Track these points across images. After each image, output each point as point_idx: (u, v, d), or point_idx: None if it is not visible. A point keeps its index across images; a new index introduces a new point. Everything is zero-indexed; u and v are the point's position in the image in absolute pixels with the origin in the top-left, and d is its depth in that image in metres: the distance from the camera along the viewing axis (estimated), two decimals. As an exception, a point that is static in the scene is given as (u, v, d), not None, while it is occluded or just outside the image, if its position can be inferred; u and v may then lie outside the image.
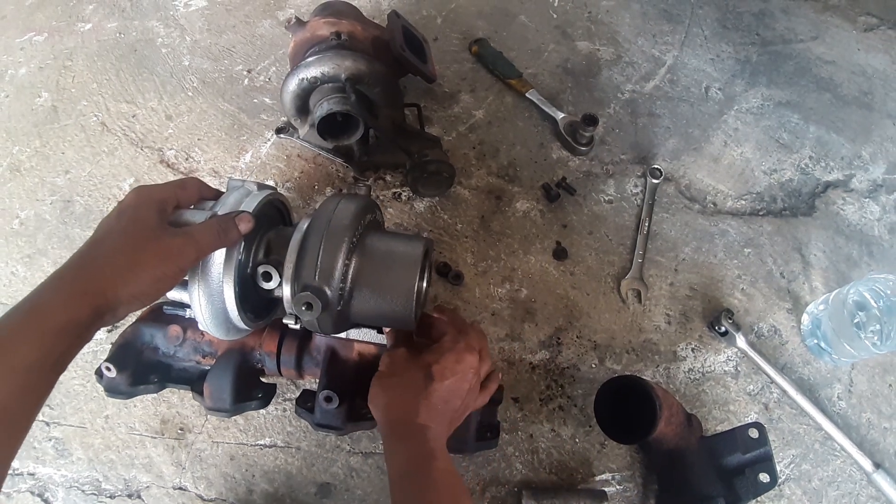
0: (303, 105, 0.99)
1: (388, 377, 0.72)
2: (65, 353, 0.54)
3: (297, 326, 0.72)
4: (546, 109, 1.12)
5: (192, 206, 0.70)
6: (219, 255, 0.67)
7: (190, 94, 1.18)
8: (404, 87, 1.13)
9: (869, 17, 1.34)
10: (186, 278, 0.69)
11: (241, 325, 0.73)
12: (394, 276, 0.70)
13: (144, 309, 0.88)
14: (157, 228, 0.60)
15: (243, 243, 0.69)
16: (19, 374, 0.50)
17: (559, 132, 1.11)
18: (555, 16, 1.29)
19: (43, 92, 1.19)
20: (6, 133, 1.15)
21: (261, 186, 0.74)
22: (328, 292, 0.66)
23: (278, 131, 1.12)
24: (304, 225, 0.71)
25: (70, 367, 0.91)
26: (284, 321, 0.72)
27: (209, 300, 0.68)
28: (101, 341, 0.96)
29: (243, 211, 0.68)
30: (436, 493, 0.61)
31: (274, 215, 0.79)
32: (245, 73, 1.21)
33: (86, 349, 0.93)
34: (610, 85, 1.20)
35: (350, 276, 0.69)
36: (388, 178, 1.08)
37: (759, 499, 0.88)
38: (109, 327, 0.97)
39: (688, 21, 1.29)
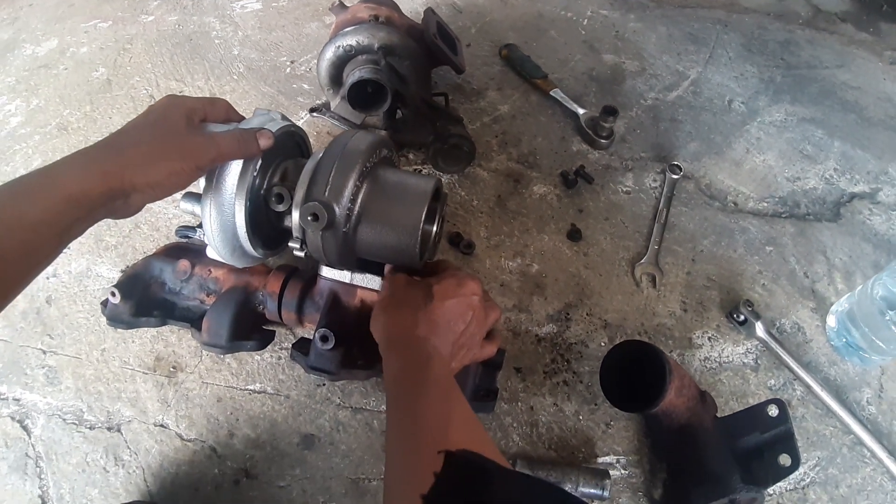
0: (337, 75, 1.05)
1: (388, 299, 0.71)
2: (71, 223, 0.55)
3: (303, 253, 0.72)
4: (569, 106, 1.16)
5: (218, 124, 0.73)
6: (234, 168, 0.69)
7: (235, 77, 1.26)
8: (435, 82, 1.19)
9: (895, 53, 1.36)
10: (201, 193, 0.71)
11: (249, 247, 0.74)
12: (402, 206, 0.70)
13: (159, 248, 0.90)
14: (182, 127, 0.63)
15: (259, 164, 0.71)
16: (25, 230, 0.51)
17: (580, 126, 1.13)
18: (583, 32, 1.35)
19: (100, 67, 1.28)
20: (59, 98, 1.23)
21: (285, 118, 0.77)
22: (336, 209, 0.67)
23: (312, 111, 1.17)
24: (319, 153, 0.73)
25: (78, 300, 0.95)
26: (290, 245, 0.72)
27: (219, 211, 0.70)
28: (113, 280, 0.97)
29: (265, 128, 0.70)
30: (428, 390, 0.58)
31: (293, 148, 0.82)
32: (288, 63, 1.29)
33: (96, 286, 0.96)
34: (633, 92, 1.23)
35: (359, 200, 0.70)
36: (411, 156, 1.11)
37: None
38: (123, 268, 0.98)
39: (713, 43, 1.34)
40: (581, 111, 1.14)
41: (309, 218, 0.66)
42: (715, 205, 1.07)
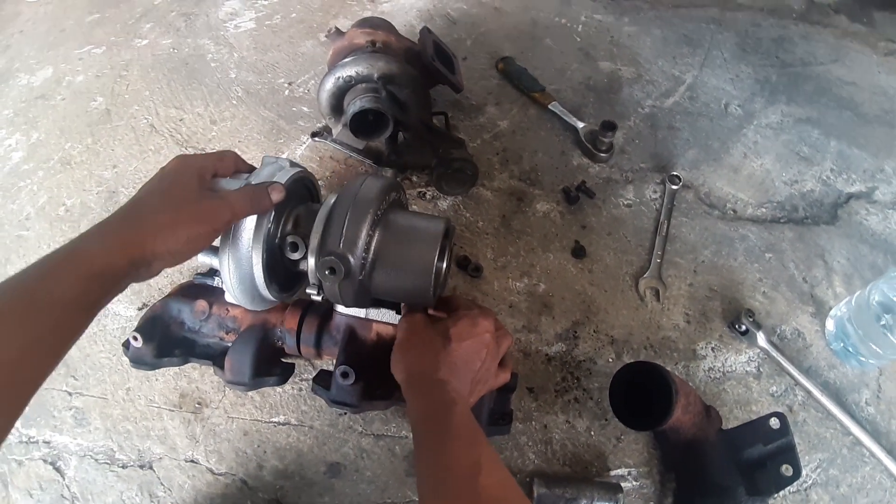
0: (337, 104, 1.06)
1: (407, 341, 0.73)
2: (99, 298, 0.57)
3: (319, 298, 0.75)
4: (567, 120, 1.17)
5: (228, 178, 0.75)
6: (249, 222, 0.70)
7: (234, 102, 1.26)
8: (434, 99, 1.19)
9: (889, 44, 1.37)
10: (218, 245, 0.73)
11: (267, 293, 0.76)
12: (414, 249, 0.72)
13: (174, 287, 0.92)
14: (195, 191, 0.65)
15: (273, 214, 0.72)
16: (54, 311, 0.53)
17: (580, 140, 1.15)
18: (578, 39, 1.36)
19: (98, 97, 1.29)
20: (59, 131, 1.24)
21: (293, 164, 0.79)
22: (351, 260, 0.69)
23: (313, 135, 1.18)
24: (331, 200, 0.75)
25: (98, 340, 0.97)
26: (308, 291, 0.74)
27: (237, 265, 0.71)
28: (130, 318, 1.00)
29: (276, 182, 0.72)
30: (454, 435, 0.61)
31: (303, 193, 0.83)
32: (286, 85, 1.29)
33: (114, 325, 0.99)
34: (630, 100, 1.25)
35: (373, 248, 0.71)
36: (415, 178, 1.13)
37: (784, 502, 0.85)
38: (140, 305, 1.01)
39: (707, 45, 1.35)
40: (580, 125, 1.16)
41: (326, 272, 0.68)
42: (714, 213, 1.09)
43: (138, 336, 0.84)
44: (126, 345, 0.87)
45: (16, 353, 0.50)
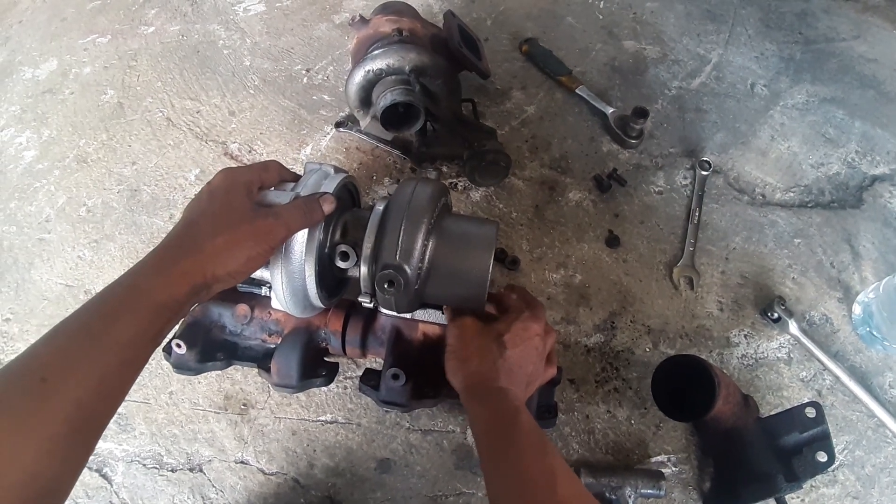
0: (366, 96, 1.04)
1: (462, 349, 0.73)
2: (163, 327, 0.57)
3: (371, 305, 0.75)
4: (596, 105, 1.16)
5: (274, 188, 0.74)
6: (301, 235, 0.70)
7: (251, 91, 1.23)
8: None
9: (909, 19, 1.37)
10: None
11: (318, 302, 0.76)
12: (469, 257, 0.73)
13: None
14: (249, 210, 0.64)
15: (322, 224, 0.72)
16: (121, 348, 0.53)
17: (609, 126, 1.14)
18: (601, 17, 1.33)
19: (108, 89, 1.25)
20: (72, 127, 1.20)
21: (336, 170, 0.78)
22: (408, 271, 0.69)
23: (338, 125, 1.16)
24: (380, 207, 0.74)
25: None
26: (360, 299, 0.74)
27: (290, 278, 0.71)
28: (169, 321, 0.99)
29: (326, 192, 0.71)
30: (524, 444, 0.62)
31: (347, 198, 0.83)
32: (304, 72, 1.26)
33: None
34: (657, 82, 1.23)
35: (427, 257, 0.71)
36: (445, 168, 1.12)
37: (813, 482, 0.89)
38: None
39: (731, 21, 1.33)
40: (609, 110, 1.14)
41: (385, 285, 0.68)
42: (744, 199, 1.10)
43: (181, 343, 0.84)
44: (167, 350, 0.87)
45: (85, 394, 0.51)
